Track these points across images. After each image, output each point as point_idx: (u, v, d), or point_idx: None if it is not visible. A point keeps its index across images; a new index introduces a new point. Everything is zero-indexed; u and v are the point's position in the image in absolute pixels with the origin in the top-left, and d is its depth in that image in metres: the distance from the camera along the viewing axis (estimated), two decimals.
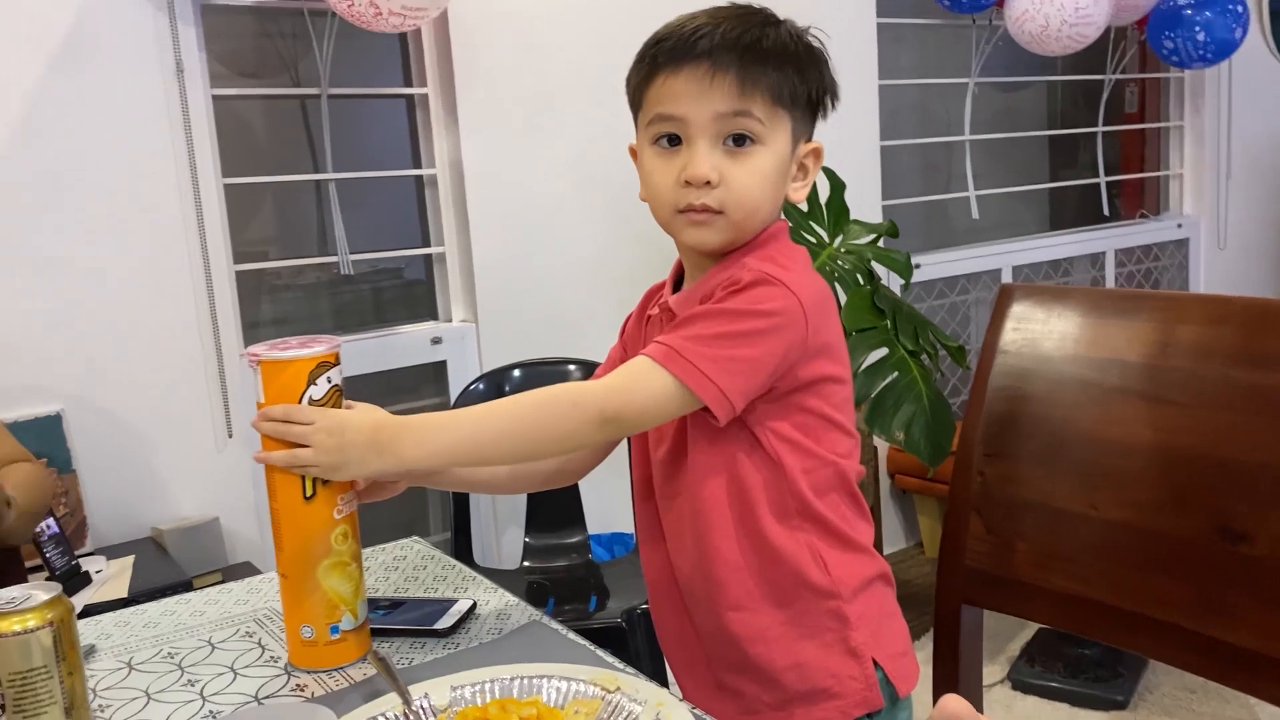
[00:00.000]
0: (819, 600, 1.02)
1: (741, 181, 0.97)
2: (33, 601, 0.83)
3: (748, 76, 0.96)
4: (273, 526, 0.98)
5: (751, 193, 0.98)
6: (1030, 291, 1.24)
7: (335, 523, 0.98)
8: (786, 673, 1.02)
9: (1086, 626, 1.15)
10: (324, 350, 0.96)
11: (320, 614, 0.98)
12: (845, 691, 1.02)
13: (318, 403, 0.95)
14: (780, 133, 0.99)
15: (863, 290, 2.47)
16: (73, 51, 1.98)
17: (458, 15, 2.34)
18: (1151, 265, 3.90)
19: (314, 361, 0.95)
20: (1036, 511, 1.17)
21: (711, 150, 0.97)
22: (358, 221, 2.40)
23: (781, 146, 1.00)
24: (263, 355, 0.95)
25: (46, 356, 2.00)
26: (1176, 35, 3.21)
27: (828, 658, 1.02)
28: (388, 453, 0.93)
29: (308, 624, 0.98)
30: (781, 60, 0.98)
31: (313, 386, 0.95)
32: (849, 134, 2.95)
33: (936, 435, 2.37)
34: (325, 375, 0.96)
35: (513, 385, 2.26)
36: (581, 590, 2.12)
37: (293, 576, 0.98)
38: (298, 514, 0.96)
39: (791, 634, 1.02)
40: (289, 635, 1.00)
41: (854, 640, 1.02)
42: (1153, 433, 1.09)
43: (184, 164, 2.09)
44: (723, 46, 0.95)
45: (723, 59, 0.95)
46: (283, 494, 0.96)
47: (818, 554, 1.01)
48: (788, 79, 0.98)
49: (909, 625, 1.11)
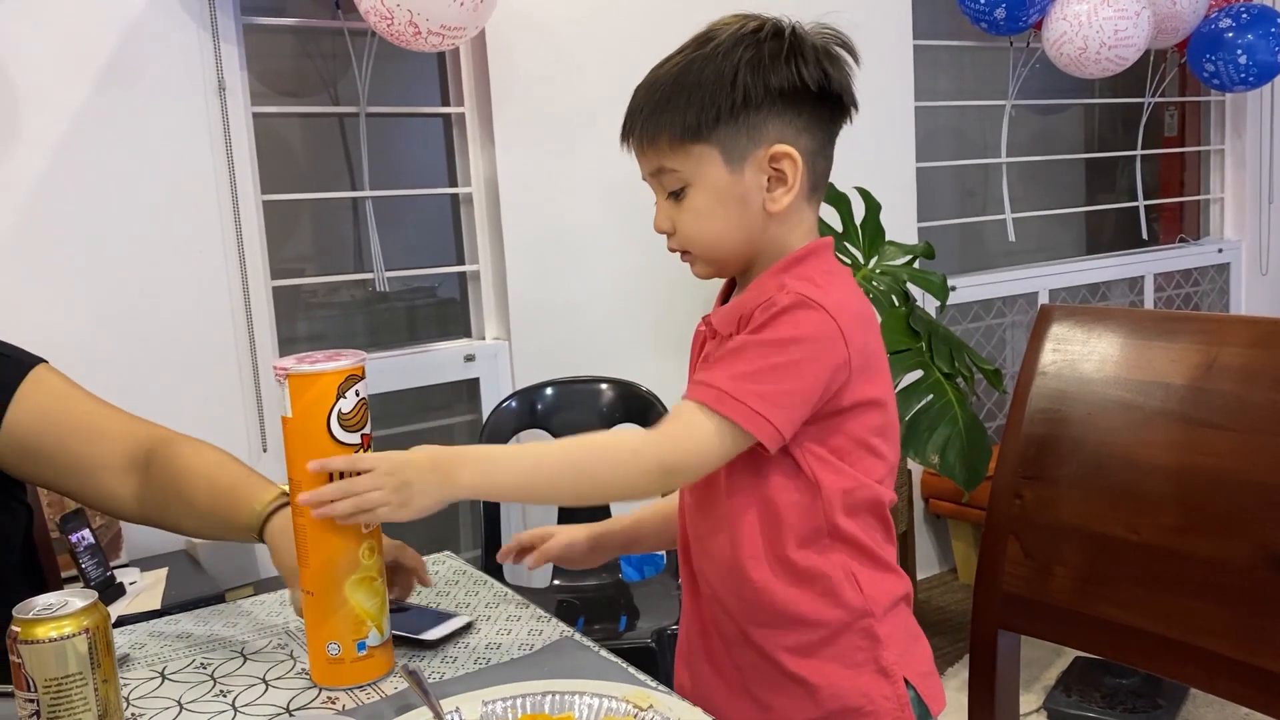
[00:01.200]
0: (852, 619, 1.01)
1: (685, 225, 1.01)
2: (69, 608, 0.83)
3: (645, 135, 1.00)
4: (298, 543, 0.98)
5: (698, 233, 1.01)
6: (1070, 313, 1.23)
7: (363, 537, 0.98)
8: (819, 692, 1.01)
9: (1126, 654, 1.13)
10: (351, 364, 0.95)
11: (347, 630, 0.98)
12: (878, 711, 1.01)
13: (347, 416, 0.95)
14: (703, 164, 0.98)
15: (898, 311, 2.46)
16: (120, 70, 2.01)
17: (495, 35, 2.36)
18: (1191, 290, 3.85)
19: (342, 375, 0.95)
20: (1075, 535, 1.16)
21: (665, 203, 1.02)
22: (393, 239, 2.42)
23: (713, 176, 0.98)
24: (291, 369, 0.94)
25: (87, 367, 2.01)
26: (1218, 58, 3.18)
27: (859, 677, 1.01)
28: (447, 481, 0.93)
29: (334, 641, 0.98)
30: (677, 94, 0.97)
31: (342, 400, 0.94)
32: (885, 155, 2.95)
33: (972, 459, 2.35)
34: (354, 388, 0.95)
35: (545, 404, 2.26)
36: (611, 610, 2.11)
37: (319, 593, 0.97)
38: (327, 529, 0.95)
39: (823, 653, 1.01)
40: (312, 653, 1.00)
41: (885, 659, 1.01)
42: (1196, 456, 1.07)
43: (224, 180, 2.12)
44: (631, 116, 1.01)
45: (633, 130, 1.01)
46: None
47: (850, 573, 1.01)
48: (685, 112, 0.97)
49: (943, 651, 1.10)
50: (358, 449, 0.96)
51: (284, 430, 0.96)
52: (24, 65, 1.93)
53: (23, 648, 0.82)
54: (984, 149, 3.40)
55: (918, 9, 2.98)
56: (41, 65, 1.95)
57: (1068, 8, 2.87)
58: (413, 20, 1.98)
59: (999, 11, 2.83)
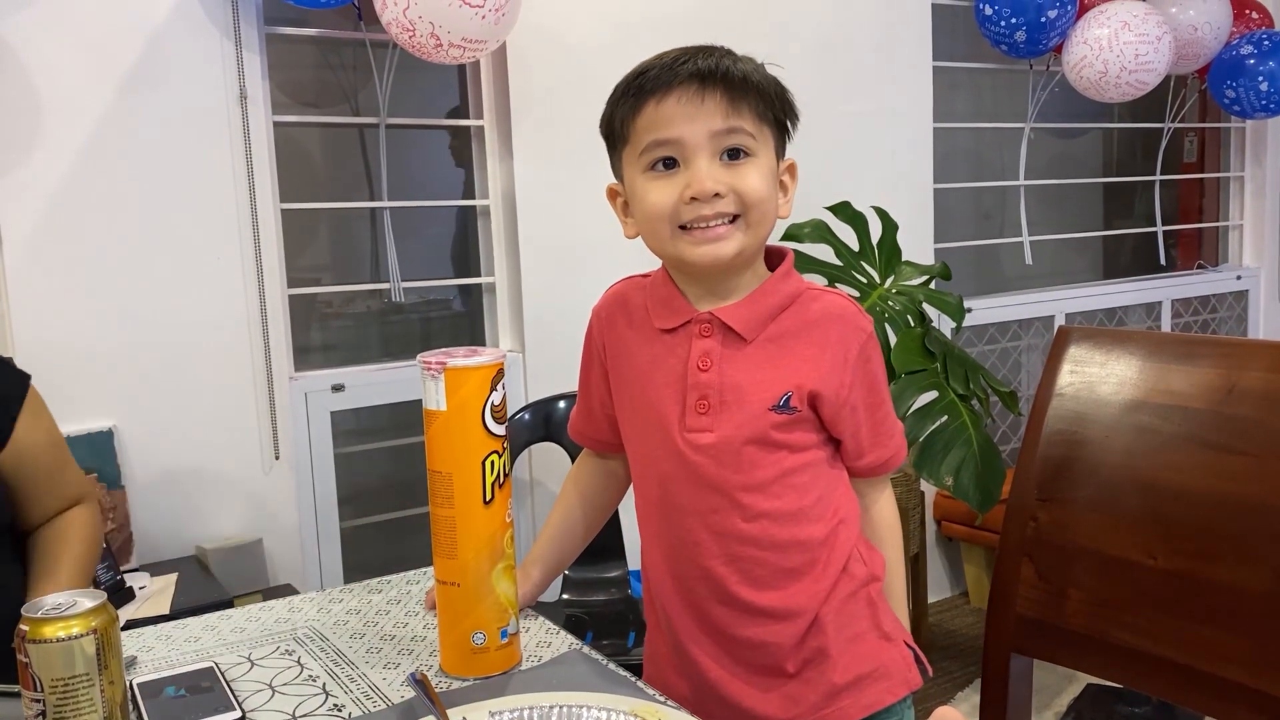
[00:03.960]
0: (859, 587, 1.08)
1: (749, 183, 1.02)
2: (78, 608, 0.83)
3: (734, 92, 1.01)
4: (442, 535, 0.99)
5: (761, 192, 1.02)
6: (1088, 334, 1.22)
7: (507, 526, 1.00)
8: (835, 662, 1.06)
9: (1141, 680, 1.11)
10: (500, 358, 0.99)
11: (493, 619, 1.00)
12: (889, 673, 1.08)
13: (498, 408, 0.98)
14: (767, 147, 1.04)
15: (913, 332, 2.45)
16: (143, 77, 2.03)
17: (516, 49, 2.37)
18: (1209, 316, 3.82)
19: (495, 368, 0.98)
20: (1091, 559, 1.14)
21: (711, 165, 1.01)
22: (410, 250, 2.43)
23: (769, 160, 1.05)
24: (449, 363, 0.96)
25: (102, 373, 2.03)
26: (1239, 85, 3.17)
27: (865, 643, 1.08)
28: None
29: (480, 630, 0.99)
30: (754, 84, 1.03)
31: (494, 393, 0.98)
32: (903, 175, 2.94)
33: (986, 482, 2.33)
34: (501, 382, 0.99)
35: (557, 416, 2.26)
36: (620, 625, 2.10)
37: (467, 584, 0.99)
38: (477, 519, 0.98)
39: (835, 624, 1.06)
40: (451, 645, 1.01)
41: (885, 625, 1.10)
42: (1214, 481, 1.05)
43: (243, 188, 2.13)
44: (707, 70, 1.01)
45: (709, 80, 1.00)
46: (462, 500, 0.97)
47: (855, 546, 1.10)
48: (764, 99, 1.03)
49: (954, 675, 1.12)
50: (504, 440, 0.99)
51: (430, 423, 0.99)
52: (49, 72, 1.95)
53: (30, 647, 0.81)
54: (1002, 172, 3.39)
55: (938, 31, 2.98)
56: (66, 72, 1.96)
57: (1088, 31, 2.87)
58: (434, 32, 2.00)
59: (1019, 35, 2.83)
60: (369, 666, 1.04)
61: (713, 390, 1.04)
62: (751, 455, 1.04)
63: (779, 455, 1.04)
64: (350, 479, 2.39)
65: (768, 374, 1.04)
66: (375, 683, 1.01)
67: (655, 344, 1.10)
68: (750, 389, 1.04)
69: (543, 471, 2.48)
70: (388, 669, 1.04)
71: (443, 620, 1.02)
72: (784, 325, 1.06)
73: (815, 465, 1.07)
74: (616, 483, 1.23)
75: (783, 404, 1.03)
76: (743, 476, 1.04)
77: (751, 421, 1.03)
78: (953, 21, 3.11)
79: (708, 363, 1.05)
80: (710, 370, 1.05)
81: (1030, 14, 2.80)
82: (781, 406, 1.03)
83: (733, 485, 1.04)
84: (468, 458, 0.98)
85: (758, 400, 1.03)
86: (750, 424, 1.03)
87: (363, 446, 2.51)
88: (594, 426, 1.19)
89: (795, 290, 1.07)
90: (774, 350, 1.05)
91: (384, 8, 2.01)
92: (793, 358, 1.04)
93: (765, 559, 1.05)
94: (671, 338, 1.09)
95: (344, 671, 1.03)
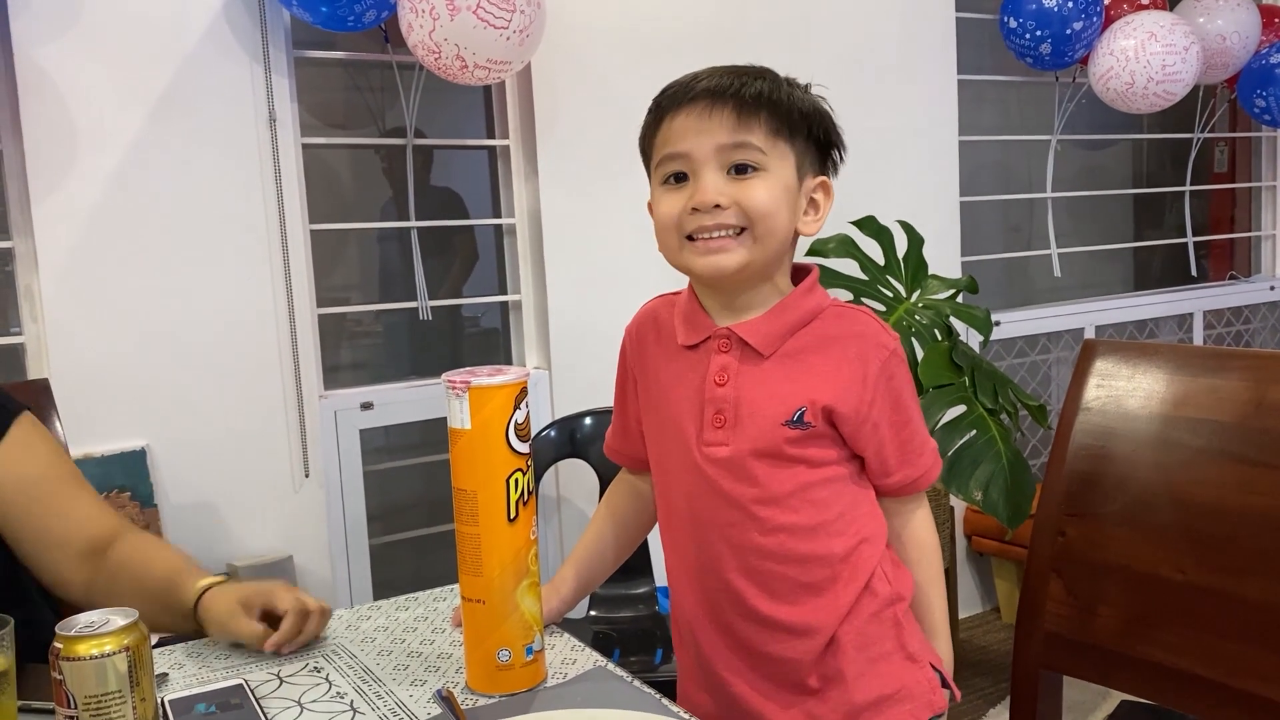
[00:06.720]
0: (883, 607, 1.07)
1: (753, 196, 1.02)
2: (110, 626, 0.84)
3: (744, 109, 1.01)
4: (468, 552, 1.00)
5: (766, 206, 1.02)
6: (1115, 348, 1.21)
7: (531, 544, 1.01)
8: (856, 681, 1.05)
9: (1172, 697, 1.10)
10: (523, 377, 0.99)
11: (518, 636, 1.00)
12: (912, 694, 1.07)
13: (521, 426, 0.98)
14: (783, 162, 1.03)
15: (940, 346, 2.44)
16: (174, 101, 2.06)
17: (541, 69, 2.39)
18: (1242, 328, 3.78)
19: (519, 387, 0.99)
20: (1120, 574, 1.13)
21: (716, 177, 1.02)
22: (437, 269, 2.45)
23: (786, 175, 1.03)
24: (473, 382, 0.97)
25: (135, 393, 2.06)
26: (1269, 94, 3.14)
27: (889, 664, 1.07)
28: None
29: (505, 647, 1.00)
30: (776, 100, 1.03)
31: (517, 411, 0.98)
32: (928, 189, 2.94)
33: (1016, 496, 2.31)
34: (525, 401, 0.99)
35: (583, 433, 2.27)
36: (648, 642, 2.10)
37: (492, 600, 1.00)
38: (502, 536, 0.99)
39: (857, 642, 1.06)
40: (477, 662, 1.01)
41: (911, 646, 1.08)
42: (1245, 495, 1.05)
43: (273, 209, 2.16)
44: (719, 87, 1.02)
45: (719, 97, 1.02)
46: (486, 517, 0.98)
47: (880, 565, 1.08)
48: (785, 115, 1.03)
49: (985, 691, 1.11)
50: (528, 458, 1.00)
51: (455, 441, 0.99)
52: (83, 98, 1.99)
53: (64, 664, 0.83)
54: (1029, 184, 3.38)
55: (962, 44, 2.98)
56: (100, 98, 2.00)
57: (1114, 43, 2.85)
58: (460, 54, 2.02)
59: (1044, 47, 2.82)
60: (396, 683, 1.05)
61: (729, 405, 1.05)
62: (765, 469, 1.04)
63: (796, 470, 1.04)
64: (379, 496, 2.40)
65: (783, 389, 1.04)
66: (402, 699, 1.01)
67: (678, 360, 1.10)
68: (765, 403, 1.04)
69: (569, 488, 2.49)
70: (415, 686, 1.04)
71: (468, 637, 1.02)
72: (803, 341, 1.06)
73: (837, 481, 1.06)
74: (647, 505, 1.22)
75: (796, 419, 1.03)
76: (757, 490, 1.04)
77: (764, 435, 1.04)
78: (978, 35, 3.10)
79: (724, 377, 1.06)
80: (727, 385, 1.05)
81: (1055, 26, 2.79)
82: (795, 421, 1.03)
83: (748, 499, 1.05)
84: (491, 475, 0.98)
85: (771, 415, 1.04)
86: (763, 438, 1.04)
87: (392, 464, 2.53)
88: (629, 444, 1.19)
89: (817, 306, 1.07)
90: (791, 365, 1.05)
91: (410, 30, 2.04)
92: (809, 373, 1.04)
93: (784, 573, 1.05)
94: (693, 354, 1.09)
95: (371, 688, 1.04)
